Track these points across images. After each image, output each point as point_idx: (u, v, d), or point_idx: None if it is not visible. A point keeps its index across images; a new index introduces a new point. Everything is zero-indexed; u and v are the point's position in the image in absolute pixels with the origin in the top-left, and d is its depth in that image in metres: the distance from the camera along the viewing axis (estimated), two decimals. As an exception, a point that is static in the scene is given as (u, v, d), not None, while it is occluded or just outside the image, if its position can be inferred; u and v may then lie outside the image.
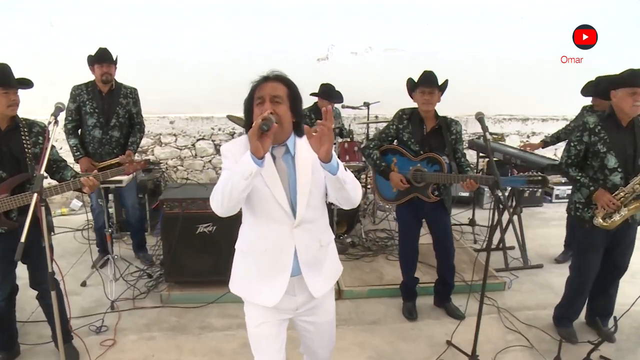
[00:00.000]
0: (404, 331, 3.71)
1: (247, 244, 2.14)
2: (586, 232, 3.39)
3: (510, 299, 4.20)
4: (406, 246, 3.81)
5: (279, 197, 1.98)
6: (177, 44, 6.19)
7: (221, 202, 1.89)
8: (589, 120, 3.28)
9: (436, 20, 6.75)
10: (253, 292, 2.13)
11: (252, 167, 1.77)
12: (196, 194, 4.01)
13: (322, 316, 2.27)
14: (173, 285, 4.08)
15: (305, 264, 2.08)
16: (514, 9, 6.99)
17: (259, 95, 1.96)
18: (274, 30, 6.42)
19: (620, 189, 3.22)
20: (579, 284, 3.55)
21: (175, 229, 3.88)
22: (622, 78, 3.13)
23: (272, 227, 2.03)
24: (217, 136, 6.57)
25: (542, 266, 4.90)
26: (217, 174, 6.64)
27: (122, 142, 4.46)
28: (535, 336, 3.63)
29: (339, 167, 1.88)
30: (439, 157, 3.45)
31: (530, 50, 6.90)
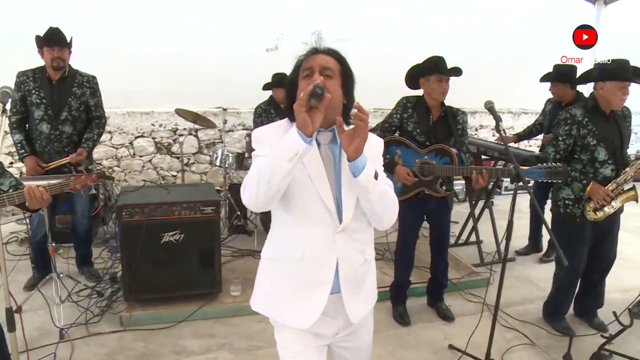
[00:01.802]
0: (400, 337, 3.45)
1: (278, 250, 1.77)
2: (577, 228, 3.31)
3: (495, 295, 4.07)
4: (407, 245, 3.55)
5: (323, 192, 1.64)
6: (111, 29, 5.47)
7: (256, 192, 1.54)
8: (576, 112, 3.19)
9: (388, 11, 6.57)
10: (283, 311, 1.76)
11: (299, 144, 1.46)
12: (160, 198, 3.49)
13: (362, 340, 1.92)
14: (134, 305, 3.52)
15: (346, 281, 1.72)
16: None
17: (307, 66, 1.67)
18: (219, 18, 5.92)
19: (613, 181, 3.18)
20: (569, 278, 3.49)
21: (137, 239, 3.34)
22: (612, 71, 3.06)
23: (312, 230, 1.67)
24: (158, 133, 5.96)
25: (514, 259, 4.87)
26: (158, 174, 6.04)
27: (76, 139, 3.83)
28: (532, 332, 3.53)
29: (364, 169, 1.56)
30: (448, 149, 3.22)
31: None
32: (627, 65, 3.04)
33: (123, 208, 3.34)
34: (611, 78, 3.05)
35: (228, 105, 6.19)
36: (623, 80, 3.01)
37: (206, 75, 5.88)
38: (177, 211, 3.44)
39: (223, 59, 5.93)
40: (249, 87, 5.96)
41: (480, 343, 3.21)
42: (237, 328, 3.48)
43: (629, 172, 3.14)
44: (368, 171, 1.59)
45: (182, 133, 5.99)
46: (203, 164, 6.19)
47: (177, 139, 6.00)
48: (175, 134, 6.00)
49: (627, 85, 3.03)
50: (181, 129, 5.98)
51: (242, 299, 3.71)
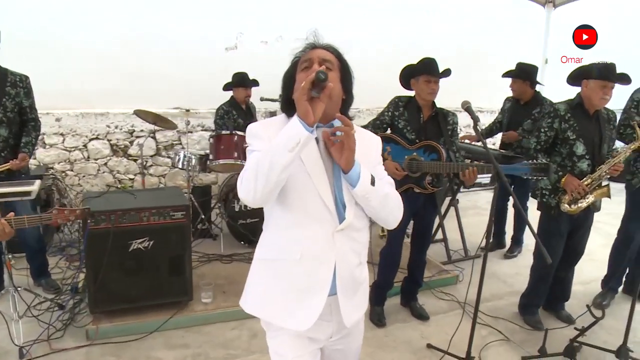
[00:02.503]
0: (378, 339, 3.43)
1: (274, 251, 1.69)
2: (551, 219, 3.41)
3: (467, 292, 4.14)
4: (395, 245, 3.53)
5: (322, 190, 1.60)
6: (62, 24, 5.18)
7: (254, 186, 1.48)
8: (560, 107, 3.30)
9: (348, 9, 6.56)
10: (279, 313, 1.69)
11: (301, 133, 1.42)
12: (127, 204, 3.32)
13: (353, 342, 1.90)
14: (100, 317, 3.34)
15: (342, 283, 1.67)
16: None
17: (306, 58, 1.64)
18: (177, 16, 5.73)
19: (588, 176, 3.29)
20: (544, 270, 3.57)
21: (104, 247, 3.16)
22: (597, 70, 3.17)
23: (311, 229, 1.62)
24: (114, 135, 5.69)
25: (480, 256, 4.95)
26: (114, 178, 5.78)
27: (12, 142, 3.56)
28: (506, 328, 3.60)
29: (360, 180, 1.57)
30: (436, 145, 3.25)
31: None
32: (612, 68, 3.15)
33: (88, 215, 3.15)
34: (594, 77, 3.15)
35: (186, 105, 5.98)
36: (605, 79, 3.11)
37: (163, 75, 5.67)
38: (146, 217, 3.28)
39: (181, 58, 5.75)
40: (207, 87, 5.82)
41: (457, 341, 3.25)
42: (211, 336, 3.36)
43: (604, 168, 3.25)
44: (364, 180, 1.59)
45: (139, 135, 5.76)
46: (161, 166, 5.98)
47: (134, 141, 5.76)
48: (132, 136, 5.75)
49: (608, 86, 3.13)
50: (138, 130, 5.74)
51: (214, 306, 3.59)
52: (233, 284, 3.95)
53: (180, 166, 4.83)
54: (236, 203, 4.63)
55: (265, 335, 1.80)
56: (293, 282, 1.66)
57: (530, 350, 3.28)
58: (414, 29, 6.92)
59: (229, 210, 4.61)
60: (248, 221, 4.70)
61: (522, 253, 5.03)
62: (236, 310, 3.54)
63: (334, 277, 1.65)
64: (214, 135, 4.67)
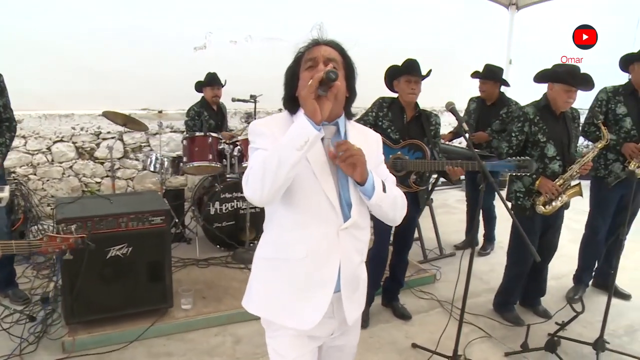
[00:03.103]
0: (363, 340, 3.39)
1: (278, 250, 1.69)
2: (526, 219, 3.48)
3: (445, 291, 4.20)
4: (383, 245, 3.52)
5: (327, 188, 1.60)
6: (20, 20, 4.96)
7: (262, 185, 1.47)
8: (528, 111, 3.36)
9: (316, 9, 6.54)
10: (284, 312, 1.68)
11: (309, 132, 1.41)
12: (103, 210, 3.19)
13: (352, 339, 1.92)
14: (76, 328, 3.20)
15: (346, 281, 1.69)
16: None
17: (311, 57, 1.62)
18: (145, 14, 5.58)
19: (560, 176, 3.38)
20: (519, 269, 3.66)
21: (80, 256, 3.02)
22: (562, 74, 3.25)
23: (316, 228, 1.62)
24: (79, 137, 5.49)
25: (454, 254, 5.04)
26: (80, 181, 5.57)
27: None
28: (486, 325, 3.66)
29: (374, 190, 1.60)
30: (421, 144, 3.27)
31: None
32: (577, 72, 3.24)
33: (62, 222, 3.01)
34: (559, 81, 3.23)
35: (154, 106, 5.85)
36: (569, 85, 3.20)
37: (130, 75, 5.53)
38: (124, 223, 3.17)
39: (148, 57, 5.61)
40: (176, 87, 5.71)
41: (444, 339, 3.29)
42: (194, 343, 3.28)
43: (575, 168, 3.35)
44: (378, 190, 1.61)
45: (106, 137, 5.58)
46: (130, 169, 5.80)
47: (100, 143, 5.57)
48: (98, 138, 5.56)
49: (573, 90, 3.22)
50: (105, 132, 5.56)
51: (194, 312, 3.51)
52: (212, 289, 3.87)
53: (152, 169, 4.70)
54: (211, 206, 4.54)
55: (249, 341, 1.83)
56: (298, 281, 1.66)
57: (512, 346, 3.35)
58: (379, 30, 6.98)
59: (204, 214, 4.51)
60: (224, 224, 4.61)
61: (494, 250, 5.13)
62: (218, 316, 3.51)
63: (338, 275, 1.65)
64: (187, 137, 4.56)
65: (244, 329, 3.42)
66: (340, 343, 1.86)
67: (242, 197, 4.63)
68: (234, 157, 4.53)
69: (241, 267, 4.27)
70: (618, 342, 3.46)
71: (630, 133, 3.74)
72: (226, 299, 3.72)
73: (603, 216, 3.99)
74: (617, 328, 3.66)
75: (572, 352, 3.30)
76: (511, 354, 3.27)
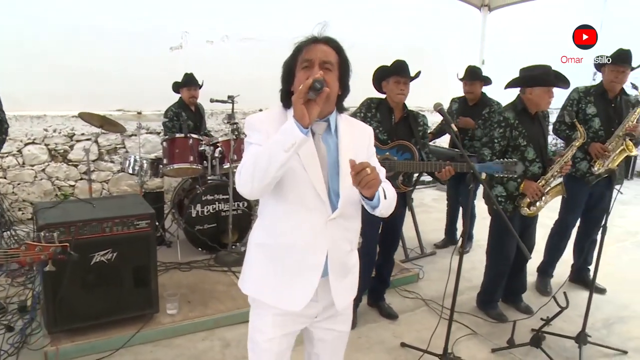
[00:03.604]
0: (352, 341, 3.42)
1: (271, 237, 1.79)
2: (504, 224, 3.55)
3: (428, 289, 4.25)
4: (371, 246, 3.52)
5: (316, 181, 1.68)
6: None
7: (252, 181, 1.59)
8: (509, 116, 3.42)
9: (292, 8, 6.52)
10: (274, 294, 1.79)
11: (296, 136, 1.49)
12: (87, 214, 3.10)
13: (342, 324, 1.96)
14: (59, 336, 3.10)
15: (334, 266, 1.77)
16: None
17: (308, 57, 1.68)
18: (119, 13, 5.46)
19: (542, 177, 3.46)
20: (501, 267, 3.73)
21: (65, 262, 2.93)
22: (538, 77, 3.32)
23: (305, 217, 1.72)
24: (52, 139, 5.32)
25: (435, 253, 5.10)
26: (53, 185, 5.41)
27: None
28: (471, 322, 3.71)
29: (380, 202, 1.69)
30: (410, 145, 3.30)
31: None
32: (550, 71, 3.32)
33: (45, 227, 2.91)
34: (538, 84, 3.30)
35: (129, 107, 5.73)
36: (548, 85, 3.28)
37: (105, 76, 5.41)
38: (109, 228, 3.09)
39: (123, 57, 5.50)
40: (152, 88, 5.62)
41: (427, 337, 3.32)
42: (182, 349, 3.22)
43: (555, 168, 3.44)
44: (382, 199, 1.68)
45: (80, 139, 5.43)
46: (104, 171, 5.66)
47: (74, 145, 5.42)
48: (72, 140, 5.41)
49: (551, 89, 3.30)
50: (79, 134, 5.41)
51: (181, 317, 3.45)
52: (197, 293, 3.81)
53: (130, 171, 4.60)
54: (193, 208, 4.47)
55: (238, 344, 1.94)
56: (287, 266, 1.75)
57: (498, 342, 3.42)
58: (353, 30, 6.99)
59: (186, 216, 4.44)
60: (205, 227, 4.55)
61: (473, 248, 5.21)
62: (205, 320, 3.46)
63: (325, 262, 1.74)
64: (167, 139, 4.48)
65: (232, 332, 3.39)
66: (327, 327, 1.91)
67: (223, 199, 4.58)
68: (215, 158, 4.48)
69: (224, 270, 4.22)
70: (597, 335, 3.57)
71: (598, 133, 3.88)
72: (212, 302, 3.67)
73: (574, 213, 4.11)
74: (595, 322, 3.77)
75: (555, 346, 3.38)
76: (497, 350, 3.33)
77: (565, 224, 4.18)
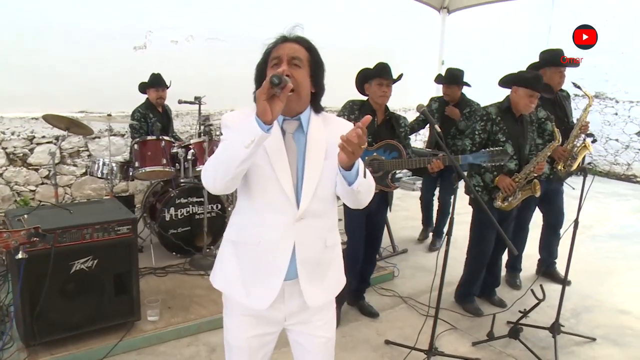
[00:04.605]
0: (336, 340, 3.28)
1: (238, 233, 1.80)
2: (484, 213, 3.67)
3: (404, 287, 4.33)
4: (358, 246, 3.55)
5: (283, 180, 1.67)
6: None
7: (214, 175, 1.62)
8: (491, 111, 3.55)
9: (256, 8, 6.48)
10: (241, 290, 1.79)
11: (256, 132, 1.49)
12: (64, 221, 2.98)
13: (319, 330, 1.88)
14: (37, 350, 2.97)
15: (304, 265, 1.74)
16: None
17: (276, 54, 1.68)
18: (80, 10, 5.26)
19: (516, 174, 3.60)
20: (480, 260, 3.85)
21: (43, 272, 2.81)
22: (526, 79, 3.45)
23: (270, 217, 1.71)
24: (10, 142, 5.06)
25: (406, 250, 5.19)
26: (12, 190, 5.15)
27: None
28: (450, 317, 3.81)
29: (357, 178, 1.62)
30: (396, 143, 3.37)
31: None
32: (541, 79, 3.47)
33: (22, 236, 2.78)
34: (524, 85, 3.43)
35: (91, 108, 5.52)
36: (533, 90, 3.41)
37: (66, 76, 5.21)
38: (89, 234, 2.99)
39: (84, 57, 5.31)
40: (115, 88, 5.46)
41: (409, 335, 3.42)
42: (167, 356, 3.16)
43: (529, 166, 3.58)
44: (361, 176, 1.61)
45: (40, 142, 5.20)
46: (67, 175, 5.44)
47: (34, 149, 5.18)
48: (32, 143, 5.16)
49: (535, 95, 3.43)
50: (39, 136, 5.18)
51: (163, 323, 3.38)
52: (176, 298, 3.74)
53: (99, 175, 4.45)
54: (166, 212, 4.37)
55: (224, 349, 1.91)
56: (252, 265, 1.76)
57: (478, 336, 3.54)
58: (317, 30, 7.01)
59: (159, 220, 4.33)
60: (179, 230, 4.46)
61: (443, 246, 5.31)
62: (188, 326, 3.41)
63: (293, 264, 1.72)
64: (139, 141, 4.37)
65: (217, 336, 3.35)
66: (303, 330, 1.86)
67: (197, 202, 4.51)
68: (188, 161, 4.39)
69: (201, 274, 4.16)
70: (567, 324, 3.75)
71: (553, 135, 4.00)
72: (193, 307, 3.61)
73: (530, 209, 4.23)
74: (564, 312, 3.89)
75: (530, 336, 3.53)
76: (478, 344, 3.44)
77: (524, 221, 4.33)
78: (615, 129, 9.54)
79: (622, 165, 9.51)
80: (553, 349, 3.31)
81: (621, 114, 9.43)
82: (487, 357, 3.33)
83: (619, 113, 9.46)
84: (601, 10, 9.14)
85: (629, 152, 9.40)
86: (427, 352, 3.12)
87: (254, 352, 1.86)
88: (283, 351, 2.08)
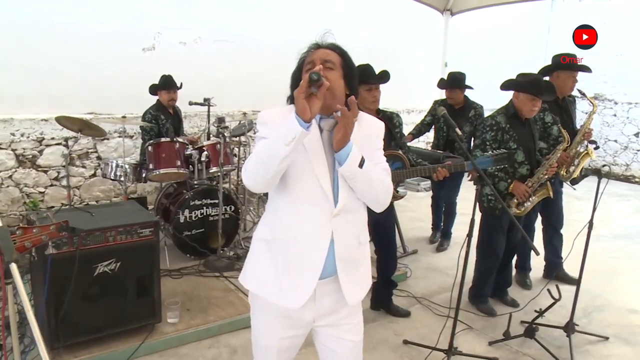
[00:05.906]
0: (356, 341, 3.49)
1: (272, 231, 1.81)
2: (494, 217, 3.73)
3: (417, 287, 4.37)
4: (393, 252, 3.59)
5: (320, 175, 1.71)
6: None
7: (255, 174, 1.65)
8: (500, 120, 3.57)
9: (265, 11, 6.50)
10: (273, 290, 1.80)
11: (296, 129, 1.53)
12: (88, 224, 2.98)
13: (347, 334, 1.89)
14: (60, 353, 2.98)
15: (342, 262, 1.77)
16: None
17: (309, 60, 1.76)
18: (89, 12, 5.26)
19: (529, 180, 3.65)
20: (491, 263, 3.90)
21: (68, 275, 2.81)
22: (528, 84, 3.48)
23: (308, 212, 1.73)
24: (20, 144, 5.05)
25: (417, 251, 5.23)
26: (21, 191, 5.14)
27: None
28: (465, 317, 3.83)
29: (347, 159, 1.65)
30: (398, 153, 3.35)
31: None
32: (541, 82, 3.51)
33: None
34: (525, 90, 3.47)
35: (99, 110, 5.52)
36: (534, 95, 3.45)
37: (76, 77, 5.20)
38: (112, 237, 3.00)
39: (94, 58, 5.30)
40: (124, 89, 5.46)
41: (426, 335, 3.46)
42: (189, 358, 3.18)
43: (542, 170, 3.63)
44: (351, 161, 1.66)
45: (49, 143, 5.19)
46: (76, 176, 5.44)
47: (44, 150, 5.18)
48: (41, 145, 5.15)
49: (537, 99, 3.47)
50: (48, 138, 5.17)
51: (183, 325, 3.40)
52: (194, 300, 3.76)
53: (112, 177, 4.46)
54: (181, 214, 4.38)
55: (245, 351, 1.99)
56: (287, 262, 1.76)
57: (493, 335, 3.58)
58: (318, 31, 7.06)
59: (174, 222, 4.35)
60: (194, 232, 4.48)
61: (451, 246, 5.38)
62: (208, 328, 3.43)
63: (330, 261, 1.74)
64: (153, 143, 4.38)
65: (237, 338, 3.37)
66: (337, 335, 1.87)
67: (211, 204, 4.52)
68: (202, 162, 4.41)
69: (217, 276, 4.18)
70: (579, 323, 3.76)
71: (558, 139, 3.98)
72: (211, 309, 3.63)
73: (534, 210, 4.26)
74: (575, 311, 4.00)
75: (545, 336, 3.57)
76: (494, 343, 3.49)
77: (530, 220, 4.37)
78: (614, 130, 9.65)
79: (620, 166, 9.61)
80: (568, 348, 3.36)
81: (620, 115, 9.55)
82: (504, 356, 3.37)
83: (617, 114, 9.58)
84: (600, 12, 9.24)
85: (628, 153, 9.52)
86: (447, 351, 3.16)
87: (282, 353, 1.89)
88: (303, 352, 2.10)
